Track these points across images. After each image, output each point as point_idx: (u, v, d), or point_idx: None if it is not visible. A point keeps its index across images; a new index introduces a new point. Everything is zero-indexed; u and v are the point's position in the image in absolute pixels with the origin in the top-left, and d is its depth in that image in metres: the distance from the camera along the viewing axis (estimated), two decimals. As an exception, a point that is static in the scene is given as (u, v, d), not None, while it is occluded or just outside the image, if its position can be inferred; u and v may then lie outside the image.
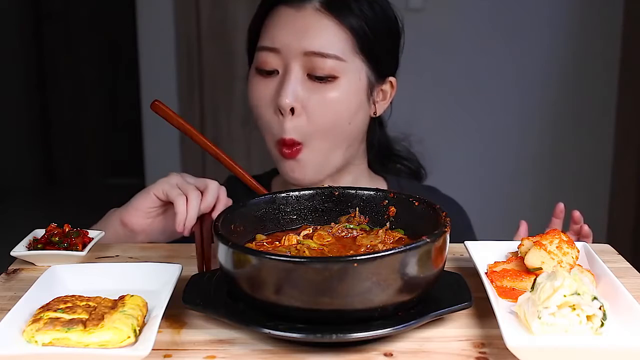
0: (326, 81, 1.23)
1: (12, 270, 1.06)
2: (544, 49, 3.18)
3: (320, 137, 1.26)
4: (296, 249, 0.93)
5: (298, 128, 1.24)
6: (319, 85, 1.23)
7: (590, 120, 3.23)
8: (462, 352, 0.80)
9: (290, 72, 1.23)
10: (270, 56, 1.24)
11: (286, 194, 1.01)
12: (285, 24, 1.24)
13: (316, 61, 1.22)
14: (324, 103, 1.24)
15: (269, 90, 1.25)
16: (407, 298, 0.82)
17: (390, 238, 0.95)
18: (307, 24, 1.23)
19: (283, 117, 1.23)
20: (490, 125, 3.25)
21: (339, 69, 1.24)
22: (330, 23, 1.24)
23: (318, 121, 1.24)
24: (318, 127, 1.25)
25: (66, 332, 0.79)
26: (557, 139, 3.26)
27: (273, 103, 1.24)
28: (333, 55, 1.23)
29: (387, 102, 1.36)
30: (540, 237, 0.96)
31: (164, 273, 0.94)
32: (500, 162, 3.28)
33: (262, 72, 1.26)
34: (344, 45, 1.24)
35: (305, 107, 1.23)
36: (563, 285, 0.79)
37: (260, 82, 1.26)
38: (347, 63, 1.24)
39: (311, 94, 1.23)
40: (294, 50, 1.22)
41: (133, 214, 1.16)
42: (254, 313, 0.82)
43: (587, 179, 3.27)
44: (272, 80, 1.25)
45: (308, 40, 1.22)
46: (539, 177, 3.29)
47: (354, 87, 1.26)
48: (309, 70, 1.23)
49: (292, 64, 1.23)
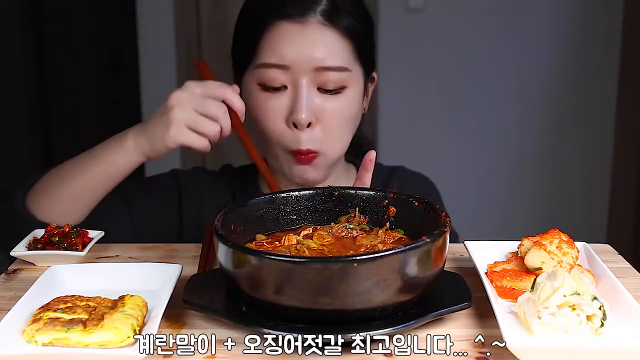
0: (336, 92, 1.25)
1: (12, 270, 1.06)
2: (544, 49, 3.18)
3: (334, 143, 1.28)
4: (296, 249, 0.93)
5: (314, 139, 1.26)
6: (329, 96, 1.25)
7: (590, 120, 3.23)
8: (462, 352, 0.80)
9: (301, 87, 1.23)
10: (278, 73, 1.24)
11: (286, 194, 1.01)
12: (291, 40, 1.23)
13: (326, 75, 1.23)
14: (338, 113, 1.26)
15: (279, 105, 1.25)
16: (407, 298, 0.82)
17: (390, 238, 0.95)
18: (314, 39, 1.23)
19: (299, 131, 1.25)
20: (489, 126, 3.25)
21: (347, 79, 1.26)
22: (334, 35, 1.24)
23: (333, 130, 1.27)
24: (333, 135, 1.27)
25: (66, 332, 0.79)
26: (557, 138, 3.26)
27: (285, 117, 1.25)
28: (341, 67, 1.24)
29: (370, 95, 1.37)
30: (540, 237, 0.96)
31: (164, 273, 0.94)
32: (500, 162, 3.28)
33: (269, 88, 1.25)
34: (347, 54, 1.26)
35: (319, 118, 1.25)
36: (563, 285, 0.79)
37: (269, 98, 1.26)
38: (352, 72, 1.27)
39: (324, 106, 1.25)
40: (304, 67, 1.23)
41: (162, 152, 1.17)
42: (254, 313, 0.82)
43: (587, 179, 3.27)
44: (281, 96, 1.25)
45: (317, 55, 1.23)
46: (539, 177, 3.30)
47: (358, 92, 1.29)
48: (319, 84, 1.24)
49: (303, 80, 1.23)
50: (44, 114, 5.04)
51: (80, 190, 1.22)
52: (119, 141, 1.20)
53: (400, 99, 3.13)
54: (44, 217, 1.22)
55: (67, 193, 1.22)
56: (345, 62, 1.25)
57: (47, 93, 5.02)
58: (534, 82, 3.21)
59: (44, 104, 5.03)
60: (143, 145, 1.18)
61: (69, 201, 1.22)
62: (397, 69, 3.13)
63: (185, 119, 1.14)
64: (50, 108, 5.04)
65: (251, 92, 1.28)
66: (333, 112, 1.25)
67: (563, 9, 3.16)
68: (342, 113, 1.26)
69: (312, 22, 1.23)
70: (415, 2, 3.14)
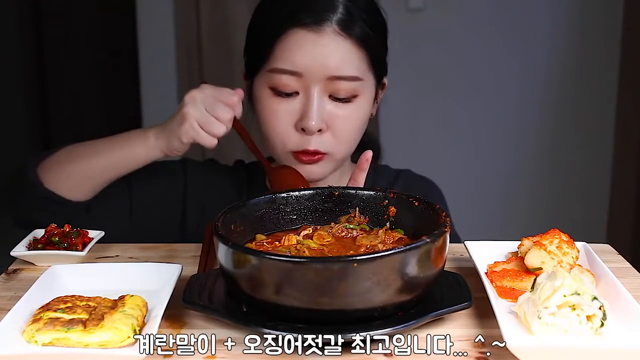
0: (348, 100, 1.26)
1: (12, 270, 1.06)
2: (544, 49, 3.18)
3: (343, 148, 1.30)
4: (296, 249, 0.93)
5: (323, 143, 1.27)
6: (341, 104, 1.26)
7: (590, 120, 3.23)
8: (462, 352, 0.80)
9: (313, 95, 1.24)
10: (291, 79, 1.25)
11: (286, 194, 1.01)
12: (306, 48, 1.23)
13: (339, 84, 1.24)
14: (349, 120, 1.27)
15: (290, 110, 1.26)
16: (407, 298, 0.82)
17: (390, 238, 0.95)
18: (329, 48, 1.24)
19: (308, 136, 1.26)
20: (489, 126, 3.25)
21: (359, 88, 1.27)
22: (348, 44, 1.24)
23: (343, 136, 1.28)
24: (342, 141, 1.29)
25: (66, 332, 0.79)
26: (557, 138, 3.26)
27: (294, 122, 1.27)
28: (354, 77, 1.25)
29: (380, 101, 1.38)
30: (540, 237, 0.96)
31: (164, 273, 0.94)
32: (500, 162, 3.28)
33: (281, 93, 1.26)
34: (361, 63, 1.26)
35: (330, 125, 1.27)
36: (563, 285, 0.79)
37: (280, 102, 1.27)
38: (365, 81, 1.27)
39: (335, 113, 1.26)
40: (317, 75, 1.23)
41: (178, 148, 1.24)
42: (254, 313, 0.82)
43: (587, 179, 3.27)
44: (292, 101, 1.26)
45: (331, 65, 1.23)
46: (538, 177, 3.29)
47: (369, 99, 1.30)
48: (331, 92, 1.25)
49: (315, 87, 1.24)
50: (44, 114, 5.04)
51: (92, 171, 1.29)
52: (142, 136, 1.27)
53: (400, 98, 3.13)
54: (52, 186, 1.28)
55: (78, 170, 1.29)
56: (358, 71, 1.25)
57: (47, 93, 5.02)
58: (533, 82, 3.21)
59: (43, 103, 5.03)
60: (162, 142, 1.25)
61: (79, 178, 1.29)
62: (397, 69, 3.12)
63: (196, 115, 1.20)
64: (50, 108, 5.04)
65: (262, 94, 1.29)
66: (344, 119, 1.27)
67: (563, 9, 3.16)
68: (353, 120, 1.28)
69: (328, 31, 1.23)
70: (415, 2, 3.14)
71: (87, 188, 1.29)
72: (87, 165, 1.28)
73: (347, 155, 1.34)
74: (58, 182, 1.28)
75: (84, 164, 1.28)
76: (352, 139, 1.30)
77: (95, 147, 1.30)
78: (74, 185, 1.28)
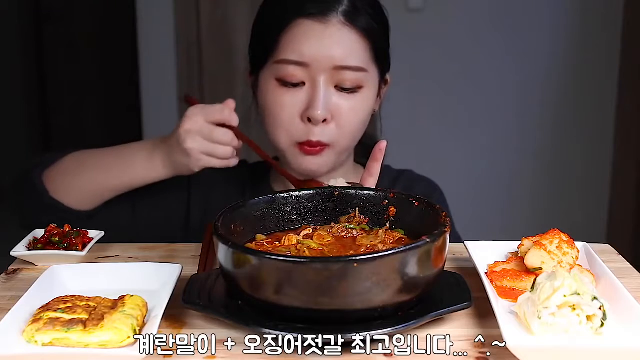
0: (353, 91, 1.28)
1: (12, 270, 1.06)
2: (544, 49, 3.18)
3: (346, 139, 1.31)
4: (296, 249, 0.93)
5: (327, 133, 1.28)
6: (346, 95, 1.28)
7: (590, 120, 3.23)
8: (462, 352, 0.80)
9: (319, 84, 1.26)
10: (298, 70, 1.26)
11: (286, 194, 1.01)
12: (312, 38, 1.25)
13: (345, 74, 1.26)
14: (353, 111, 1.28)
15: (296, 101, 1.27)
16: (407, 298, 0.82)
17: (390, 238, 0.95)
18: (334, 38, 1.25)
19: (313, 125, 1.27)
20: (490, 126, 3.25)
21: (364, 79, 1.28)
22: (353, 35, 1.26)
23: (347, 128, 1.29)
24: (346, 132, 1.30)
25: (66, 332, 0.79)
26: (557, 139, 3.26)
27: (300, 112, 1.27)
28: (359, 67, 1.27)
29: (383, 97, 1.38)
30: (540, 237, 0.96)
31: (164, 273, 0.94)
32: (500, 162, 3.28)
33: (287, 84, 1.27)
34: (365, 55, 1.28)
35: (335, 116, 1.28)
36: (563, 285, 0.79)
37: (286, 93, 1.28)
38: (369, 73, 1.29)
39: (340, 104, 1.27)
40: (323, 65, 1.25)
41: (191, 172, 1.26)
42: (254, 313, 0.82)
43: (587, 179, 3.27)
44: (299, 92, 1.27)
45: (337, 54, 1.25)
46: (539, 177, 3.29)
47: (373, 93, 1.32)
48: (337, 82, 1.27)
49: (321, 77, 1.26)
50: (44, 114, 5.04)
51: (99, 188, 1.30)
52: (148, 158, 1.27)
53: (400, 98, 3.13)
54: (57, 196, 1.29)
55: (85, 184, 1.30)
56: (363, 62, 1.27)
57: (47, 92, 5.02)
58: (534, 82, 3.21)
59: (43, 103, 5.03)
60: (170, 169, 1.27)
61: (86, 192, 1.30)
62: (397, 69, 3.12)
63: (199, 148, 1.21)
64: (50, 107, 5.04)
65: (268, 86, 1.30)
66: (348, 110, 1.28)
67: (563, 9, 3.16)
68: (357, 112, 1.29)
69: (333, 22, 1.25)
70: (415, 2, 3.14)
71: (95, 202, 1.31)
72: (94, 181, 1.30)
73: (349, 148, 1.35)
74: (64, 193, 1.30)
75: (91, 180, 1.30)
76: (356, 130, 1.31)
77: (102, 162, 1.31)
78: (80, 198, 1.30)
